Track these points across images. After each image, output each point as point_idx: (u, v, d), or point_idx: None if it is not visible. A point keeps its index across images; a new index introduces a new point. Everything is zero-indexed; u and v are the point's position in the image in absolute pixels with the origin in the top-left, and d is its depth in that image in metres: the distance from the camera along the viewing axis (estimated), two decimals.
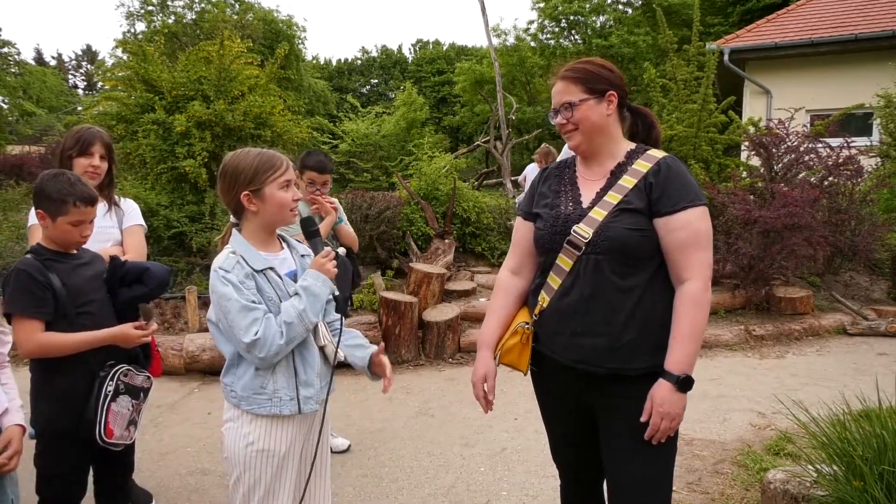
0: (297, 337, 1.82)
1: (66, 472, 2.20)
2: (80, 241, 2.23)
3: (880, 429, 2.25)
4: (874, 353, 5.50)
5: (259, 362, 1.79)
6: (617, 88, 1.81)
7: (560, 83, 1.82)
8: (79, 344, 2.13)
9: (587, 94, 1.78)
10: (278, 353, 1.78)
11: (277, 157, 1.92)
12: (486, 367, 1.92)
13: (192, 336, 5.53)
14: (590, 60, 1.84)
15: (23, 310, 2.06)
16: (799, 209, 5.95)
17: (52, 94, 30.08)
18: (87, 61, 40.10)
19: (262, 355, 1.76)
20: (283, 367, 1.86)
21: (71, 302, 2.14)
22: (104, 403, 2.15)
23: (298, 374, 1.88)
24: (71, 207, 2.12)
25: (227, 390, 1.88)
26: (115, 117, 8.22)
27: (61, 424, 2.14)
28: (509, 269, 2.00)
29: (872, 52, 10.42)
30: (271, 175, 1.88)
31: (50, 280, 2.10)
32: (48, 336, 2.09)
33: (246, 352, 1.77)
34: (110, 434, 2.16)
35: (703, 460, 3.50)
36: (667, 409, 1.65)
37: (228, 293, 1.76)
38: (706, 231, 1.71)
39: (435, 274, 6.06)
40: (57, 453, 2.17)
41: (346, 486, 3.34)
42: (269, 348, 1.75)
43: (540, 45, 20.63)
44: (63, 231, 2.15)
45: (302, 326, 1.81)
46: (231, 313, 1.76)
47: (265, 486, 1.85)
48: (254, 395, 1.83)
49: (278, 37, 21.21)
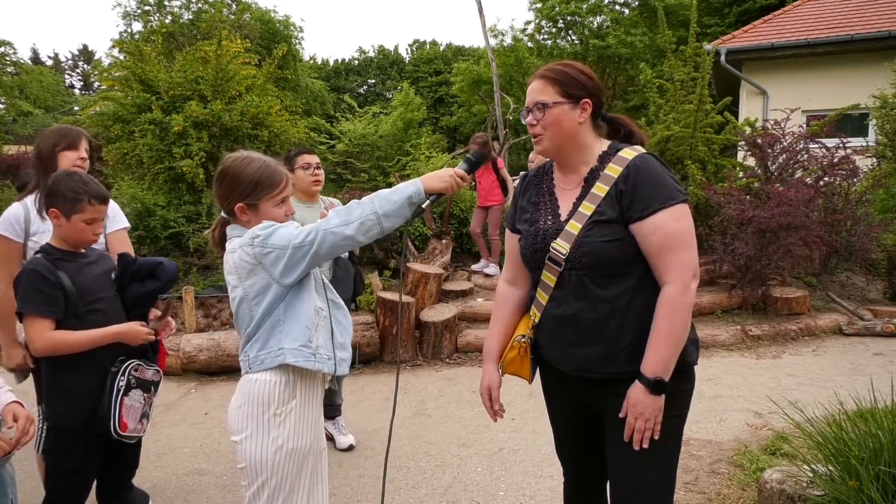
0: (366, 221, 1.80)
1: (77, 467, 2.25)
2: (92, 240, 2.29)
3: (876, 429, 2.26)
4: (870, 354, 5.51)
5: (322, 245, 1.79)
6: (593, 97, 1.76)
7: (537, 82, 1.78)
8: (88, 341, 2.17)
9: (562, 98, 1.73)
10: (344, 237, 1.79)
11: (279, 173, 1.93)
12: (490, 379, 1.96)
13: (190, 336, 5.52)
14: (570, 64, 1.80)
15: (34, 309, 2.11)
16: (794, 209, 5.97)
17: (49, 93, 29.98)
18: (83, 61, 40.01)
19: (319, 237, 1.78)
20: (323, 328, 1.91)
21: (81, 300, 2.19)
22: (117, 398, 2.21)
23: (335, 335, 1.95)
24: (86, 205, 2.18)
25: (272, 353, 1.84)
26: (112, 117, 8.21)
27: (73, 420, 2.19)
28: (506, 280, 2.02)
29: (868, 53, 10.45)
30: (270, 192, 1.90)
31: (60, 279, 2.15)
32: (58, 334, 2.14)
33: (309, 243, 1.78)
34: (124, 427, 2.22)
35: (700, 460, 3.51)
36: (640, 409, 1.66)
37: (272, 231, 1.81)
38: (682, 230, 1.65)
39: (432, 274, 6.06)
40: (68, 449, 2.22)
41: (343, 487, 3.34)
42: (328, 229, 1.79)
43: (537, 46, 20.65)
44: (78, 230, 2.21)
45: (370, 208, 1.81)
46: (280, 234, 1.80)
47: (290, 486, 1.88)
48: (300, 348, 1.85)
49: (276, 37, 21.19)
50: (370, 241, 1.87)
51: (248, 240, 1.82)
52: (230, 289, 1.90)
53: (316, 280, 1.97)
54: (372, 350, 5.58)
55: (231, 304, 1.93)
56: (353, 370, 5.40)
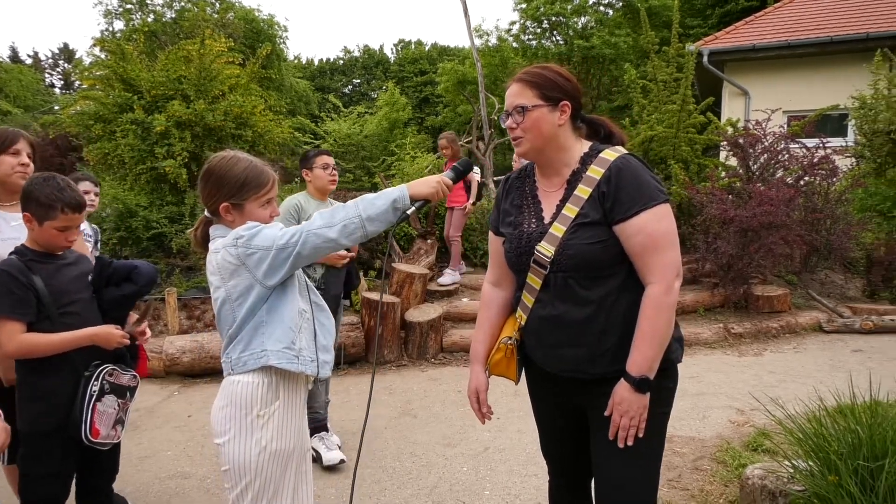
0: (349, 224, 1.79)
1: (52, 472, 2.19)
2: (65, 246, 2.24)
3: (855, 424, 2.29)
4: (849, 350, 5.60)
5: (305, 247, 1.79)
6: (571, 99, 1.76)
7: (515, 85, 1.78)
8: (61, 344, 2.13)
9: (541, 101, 1.73)
10: (326, 239, 1.78)
11: (265, 174, 1.92)
12: (478, 381, 1.97)
13: (172, 338, 5.47)
14: (548, 67, 1.80)
15: (4, 311, 2.07)
16: (775, 208, 6.04)
17: (29, 92, 29.54)
18: (64, 60, 39.41)
19: (302, 238, 1.77)
20: (306, 330, 1.90)
21: (54, 302, 2.14)
22: (89, 403, 2.16)
23: (318, 338, 1.94)
24: (59, 213, 2.14)
25: (255, 355, 1.83)
26: (93, 117, 8.10)
27: (47, 424, 2.14)
28: (490, 283, 2.02)
29: (847, 54, 10.60)
30: (256, 193, 1.89)
31: (32, 281, 2.10)
32: (30, 337, 2.09)
33: (293, 244, 1.77)
34: (96, 434, 2.18)
35: (683, 457, 3.54)
36: (625, 407, 1.67)
37: (256, 231, 1.80)
38: (664, 231, 1.66)
39: (417, 274, 6.06)
40: (42, 453, 2.17)
41: (327, 489, 3.32)
42: (311, 231, 1.78)
43: (522, 46, 20.68)
44: (50, 236, 2.17)
45: (354, 211, 1.80)
46: (264, 234, 1.79)
47: (274, 487, 1.87)
48: (284, 350, 1.83)
49: (259, 36, 21.07)
50: (353, 244, 1.86)
51: (231, 240, 1.81)
52: (213, 289, 1.89)
53: (299, 282, 1.96)
54: (357, 350, 5.56)
55: (213, 305, 1.91)
56: (339, 370, 5.38)
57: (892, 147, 8.53)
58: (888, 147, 8.59)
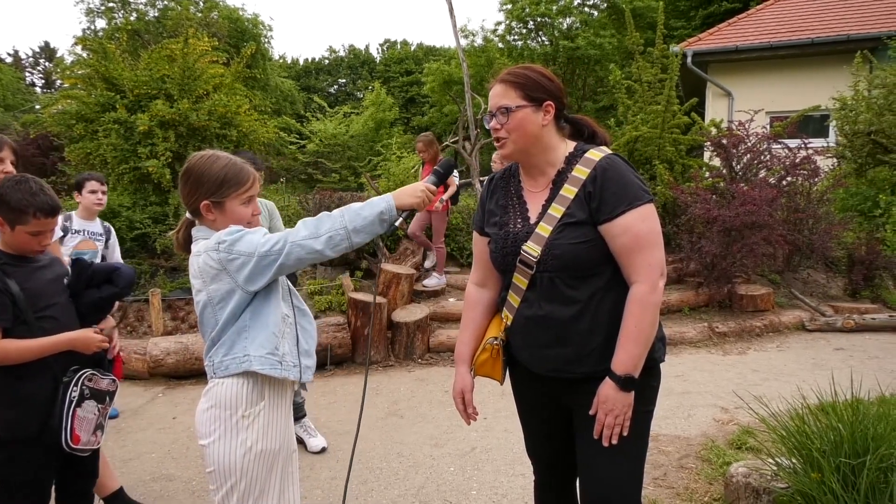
0: (335, 235, 1.78)
1: (32, 479, 2.15)
2: (38, 251, 2.20)
3: (836, 422, 2.32)
4: (831, 349, 5.67)
5: (289, 258, 1.77)
6: (555, 99, 1.77)
7: (498, 86, 1.78)
8: (39, 350, 2.09)
9: (525, 101, 1.74)
10: (311, 250, 1.77)
11: (245, 171, 1.91)
12: (463, 382, 1.97)
13: (157, 340, 5.42)
14: (530, 67, 1.81)
15: None
16: (757, 208, 6.10)
17: (9, 91, 29.10)
18: (45, 58, 38.87)
19: (287, 248, 1.75)
20: (289, 336, 1.90)
21: (31, 307, 2.09)
22: (69, 409, 2.12)
23: (300, 342, 1.93)
24: (30, 218, 2.08)
25: (237, 359, 1.81)
26: (75, 116, 8.00)
27: (26, 430, 2.09)
28: (475, 283, 2.02)
29: (829, 56, 10.75)
30: (236, 190, 1.88)
31: (7, 285, 2.05)
32: (6, 343, 2.04)
33: (276, 253, 1.76)
34: (77, 440, 2.14)
35: (669, 455, 3.57)
36: (610, 406, 1.69)
37: (238, 237, 1.78)
38: (649, 231, 1.68)
39: (404, 274, 6.05)
40: (22, 460, 2.12)
41: (314, 490, 3.31)
42: (296, 242, 1.77)
43: (508, 47, 20.72)
44: (22, 240, 2.12)
45: (339, 221, 1.79)
46: (246, 240, 1.77)
47: (260, 488, 1.86)
48: (267, 355, 1.82)
49: (244, 35, 20.90)
50: (338, 255, 1.85)
51: (213, 244, 1.80)
52: (195, 292, 1.87)
53: (282, 287, 1.95)
54: (344, 351, 5.54)
55: (195, 308, 1.90)
56: (325, 372, 5.36)
57: (873, 148, 8.67)
58: (868, 147, 8.72)
